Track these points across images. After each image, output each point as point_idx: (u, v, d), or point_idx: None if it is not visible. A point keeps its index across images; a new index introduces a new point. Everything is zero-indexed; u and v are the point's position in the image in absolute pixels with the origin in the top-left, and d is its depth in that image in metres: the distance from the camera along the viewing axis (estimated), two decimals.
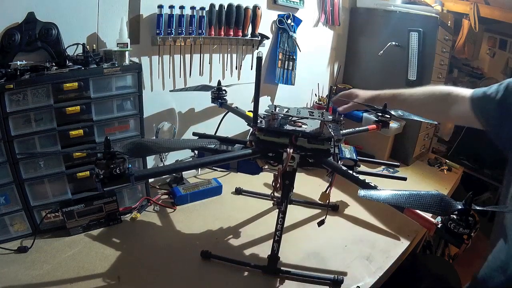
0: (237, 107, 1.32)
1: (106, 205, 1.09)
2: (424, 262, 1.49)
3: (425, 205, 0.62)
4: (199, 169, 1.47)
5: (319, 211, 1.28)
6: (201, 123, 1.49)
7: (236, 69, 1.50)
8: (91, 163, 1.02)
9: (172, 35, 1.23)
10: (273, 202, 0.96)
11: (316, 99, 1.80)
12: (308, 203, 1.32)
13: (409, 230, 1.19)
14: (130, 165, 0.70)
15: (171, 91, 1.32)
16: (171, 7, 1.20)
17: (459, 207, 0.61)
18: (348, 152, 0.99)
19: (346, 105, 1.14)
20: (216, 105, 1.33)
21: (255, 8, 1.39)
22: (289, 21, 1.56)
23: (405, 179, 1.11)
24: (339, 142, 1.02)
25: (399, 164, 1.33)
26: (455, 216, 0.61)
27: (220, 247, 1.06)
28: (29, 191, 0.99)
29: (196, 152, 1.03)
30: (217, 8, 1.29)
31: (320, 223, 1.00)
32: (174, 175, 1.39)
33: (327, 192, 0.97)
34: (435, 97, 0.92)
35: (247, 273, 0.97)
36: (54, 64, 0.97)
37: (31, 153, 0.98)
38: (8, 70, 0.89)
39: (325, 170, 0.93)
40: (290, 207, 0.97)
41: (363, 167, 1.30)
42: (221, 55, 1.42)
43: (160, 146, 0.85)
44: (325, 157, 0.91)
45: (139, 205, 1.21)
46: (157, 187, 1.36)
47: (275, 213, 0.97)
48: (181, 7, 1.22)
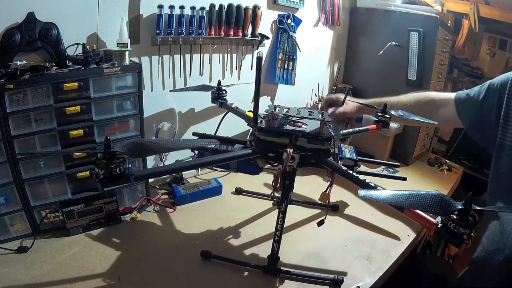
0: (237, 107, 1.32)
1: (106, 205, 1.09)
2: (424, 262, 1.49)
3: (425, 205, 0.62)
4: (199, 169, 1.47)
5: (319, 211, 1.28)
6: (201, 123, 1.49)
7: (236, 69, 1.50)
8: (91, 163, 1.02)
9: (172, 35, 1.23)
10: (273, 202, 0.96)
11: (316, 99, 1.80)
12: (308, 203, 1.32)
13: (409, 230, 1.19)
14: (130, 165, 0.70)
15: (171, 91, 1.32)
16: (171, 7, 1.20)
17: (459, 207, 0.61)
18: (348, 152, 0.99)
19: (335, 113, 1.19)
20: (216, 105, 1.33)
21: (255, 8, 1.39)
22: (289, 21, 1.56)
23: (405, 179, 1.11)
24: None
25: (399, 164, 1.33)
26: (455, 216, 0.61)
27: (220, 247, 1.06)
28: (29, 191, 0.99)
29: (196, 152, 1.04)
30: (217, 8, 1.29)
31: (320, 223, 1.00)
32: (174, 175, 1.39)
33: (327, 192, 0.97)
34: (421, 104, 0.98)
35: (247, 273, 0.97)
36: (54, 64, 0.97)
37: (31, 153, 0.98)
38: (8, 70, 0.89)
39: (325, 170, 0.93)
40: (290, 207, 0.97)
41: (363, 167, 1.30)
42: (221, 55, 1.42)
43: (160, 146, 0.85)
44: (325, 157, 0.91)
45: (139, 205, 1.21)
46: (157, 187, 1.36)
47: (275, 213, 0.97)
48: (181, 7, 1.22)
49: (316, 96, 1.81)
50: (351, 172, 0.84)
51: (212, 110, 1.45)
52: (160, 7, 1.18)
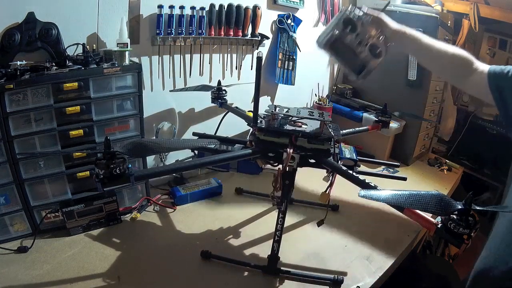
0: (237, 107, 1.32)
1: (106, 205, 1.09)
2: (424, 262, 1.49)
3: (425, 205, 0.62)
4: (199, 169, 1.47)
5: (319, 211, 1.28)
6: (201, 123, 1.48)
7: (236, 69, 1.50)
8: (91, 163, 1.02)
9: (172, 35, 1.23)
10: (273, 202, 0.96)
11: (316, 99, 1.80)
12: (308, 203, 1.32)
13: (409, 230, 1.19)
14: (130, 165, 0.70)
15: (171, 91, 1.32)
16: (171, 7, 1.20)
17: (459, 207, 0.61)
18: (348, 152, 0.99)
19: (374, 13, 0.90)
20: (216, 105, 1.33)
21: (255, 8, 1.39)
22: (289, 21, 1.56)
23: (405, 179, 1.11)
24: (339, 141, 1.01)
25: (399, 164, 1.33)
26: (455, 216, 0.61)
27: (220, 247, 1.06)
28: (29, 191, 0.99)
29: (196, 152, 1.04)
30: (217, 8, 1.29)
31: (319, 223, 1.00)
32: (174, 175, 1.39)
33: (327, 192, 0.97)
34: (457, 61, 0.86)
35: (247, 273, 0.97)
36: (54, 64, 0.97)
37: (31, 153, 0.98)
38: (8, 70, 0.89)
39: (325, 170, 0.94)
40: (290, 207, 0.97)
41: (363, 167, 1.31)
42: (221, 55, 1.42)
43: (160, 146, 0.85)
44: (325, 157, 0.91)
45: (139, 205, 1.21)
46: (157, 187, 1.36)
47: (275, 213, 0.97)
48: (181, 7, 1.22)
49: (316, 96, 1.81)
50: (351, 172, 0.84)
51: (212, 110, 1.45)
52: (160, 7, 1.18)
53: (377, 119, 1.31)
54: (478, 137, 1.87)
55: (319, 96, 1.80)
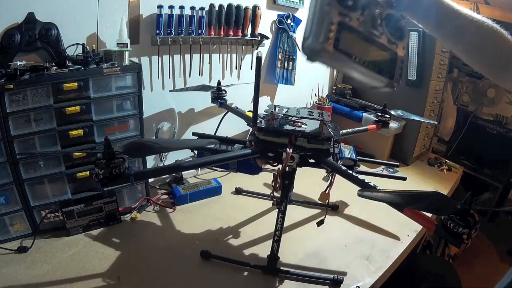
0: (237, 107, 1.33)
1: (106, 205, 1.09)
2: (424, 262, 1.49)
3: (425, 205, 0.62)
4: (199, 169, 1.47)
5: (319, 211, 1.28)
6: (201, 123, 1.49)
7: (236, 69, 1.50)
8: (91, 163, 1.02)
9: (171, 35, 1.23)
10: (272, 202, 0.96)
11: (316, 99, 1.80)
12: (307, 203, 1.32)
13: (409, 230, 1.19)
14: (129, 165, 0.70)
15: (171, 91, 1.32)
16: (171, 7, 1.20)
17: (459, 207, 0.61)
18: (347, 152, 1.00)
19: None
20: (216, 105, 1.33)
21: (255, 8, 1.39)
22: (289, 21, 1.56)
23: (405, 179, 1.11)
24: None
25: (399, 164, 1.33)
26: (454, 216, 0.61)
27: (220, 247, 1.06)
28: (29, 191, 1.00)
29: (196, 152, 1.04)
30: (216, 8, 1.29)
31: (319, 223, 1.00)
32: (174, 175, 1.39)
33: (327, 192, 0.97)
34: (503, 49, 0.59)
35: (247, 273, 0.97)
36: (54, 64, 0.97)
37: (31, 153, 0.98)
38: (8, 70, 0.89)
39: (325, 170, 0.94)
40: (289, 207, 0.97)
41: (363, 167, 1.31)
42: (220, 55, 1.42)
43: (160, 146, 0.85)
44: (324, 157, 0.91)
45: (139, 205, 1.21)
46: (157, 187, 1.36)
47: (275, 213, 0.97)
48: (181, 7, 1.22)
49: (316, 96, 1.81)
50: (350, 172, 0.84)
51: (212, 110, 1.45)
52: (159, 7, 1.18)
53: (376, 119, 1.31)
54: (478, 137, 1.87)
55: (319, 96, 1.80)
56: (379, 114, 1.30)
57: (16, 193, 0.98)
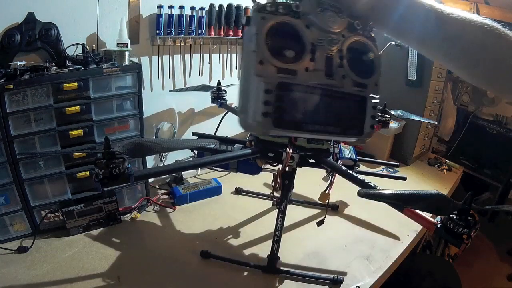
0: (236, 107, 1.32)
1: (106, 205, 1.09)
2: (424, 262, 1.49)
3: (425, 205, 0.62)
4: (199, 169, 1.47)
5: (319, 211, 1.28)
6: (201, 123, 1.49)
7: (236, 69, 1.50)
8: (91, 163, 1.02)
9: (171, 35, 1.23)
10: (272, 202, 0.96)
11: None
12: (307, 203, 1.32)
13: (409, 230, 1.19)
14: (129, 165, 0.70)
15: (170, 91, 1.32)
16: (171, 7, 1.20)
17: (459, 207, 0.61)
18: (347, 152, 1.00)
19: None
20: (216, 105, 1.33)
21: None
22: None
23: (405, 179, 1.11)
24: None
25: (399, 164, 1.33)
26: (454, 215, 0.61)
27: (220, 247, 1.06)
28: (29, 191, 0.99)
29: (196, 152, 1.04)
30: (216, 8, 1.30)
31: (319, 223, 1.00)
32: (174, 175, 1.39)
33: (327, 192, 0.97)
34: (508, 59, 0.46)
35: (246, 273, 0.97)
36: (54, 64, 0.97)
37: (31, 153, 0.98)
38: (8, 70, 0.89)
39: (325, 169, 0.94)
40: (289, 207, 0.97)
41: (363, 167, 1.31)
42: (220, 55, 1.42)
43: (160, 146, 0.85)
44: (324, 157, 0.91)
45: (139, 205, 1.21)
46: (157, 187, 1.36)
47: (275, 213, 0.96)
48: (181, 7, 1.22)
49: None
50: (350, 172, 0.84)
51: (212, 110, 1.45)
52: (159, 7, 1.18)
53: (376, 119, 1.31)
54: (478, 137, 1.87)
55: None
56: (379, 114, 1.30)
57: (16, 193, 0.98)
